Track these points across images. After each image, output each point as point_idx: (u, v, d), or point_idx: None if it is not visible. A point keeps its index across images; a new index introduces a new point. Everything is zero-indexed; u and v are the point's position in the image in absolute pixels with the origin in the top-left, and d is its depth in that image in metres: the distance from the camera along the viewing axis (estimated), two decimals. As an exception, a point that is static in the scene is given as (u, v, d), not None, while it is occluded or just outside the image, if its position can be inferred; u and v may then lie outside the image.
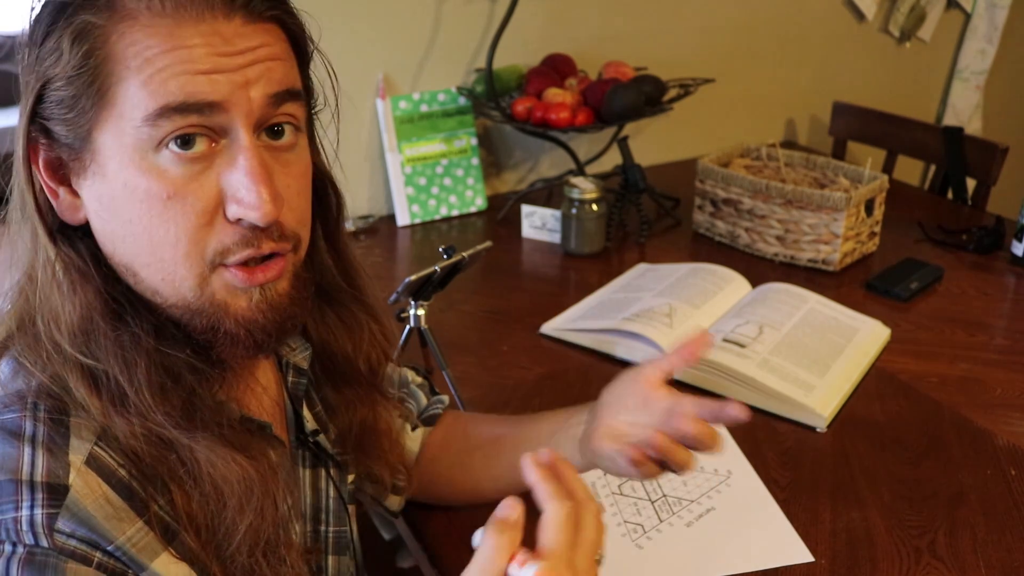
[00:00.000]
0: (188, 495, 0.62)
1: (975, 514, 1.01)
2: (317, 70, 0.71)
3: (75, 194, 0.63)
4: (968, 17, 2.51)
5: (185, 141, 0.59)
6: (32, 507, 0.56)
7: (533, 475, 0.63)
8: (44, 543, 0.55)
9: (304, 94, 0.66)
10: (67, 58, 0.58)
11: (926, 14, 2.42)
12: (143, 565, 0.59)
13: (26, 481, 0.56)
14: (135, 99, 0.58)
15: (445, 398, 1.03)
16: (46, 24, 0.60)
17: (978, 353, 1.34)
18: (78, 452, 0.59)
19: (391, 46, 1.79)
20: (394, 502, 0.96)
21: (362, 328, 0.80)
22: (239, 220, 0.60)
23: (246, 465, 0.63)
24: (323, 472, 0.82)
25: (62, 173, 0.63)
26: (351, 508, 0.86)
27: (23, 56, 0.61)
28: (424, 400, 1.01)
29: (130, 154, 0.59)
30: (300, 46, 0.67)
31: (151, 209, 0.59)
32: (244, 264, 0.62)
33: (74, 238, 0.64)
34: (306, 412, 0.80)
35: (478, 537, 0.61)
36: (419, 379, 1.03)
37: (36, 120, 0.61)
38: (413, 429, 0.97)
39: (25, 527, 0.55)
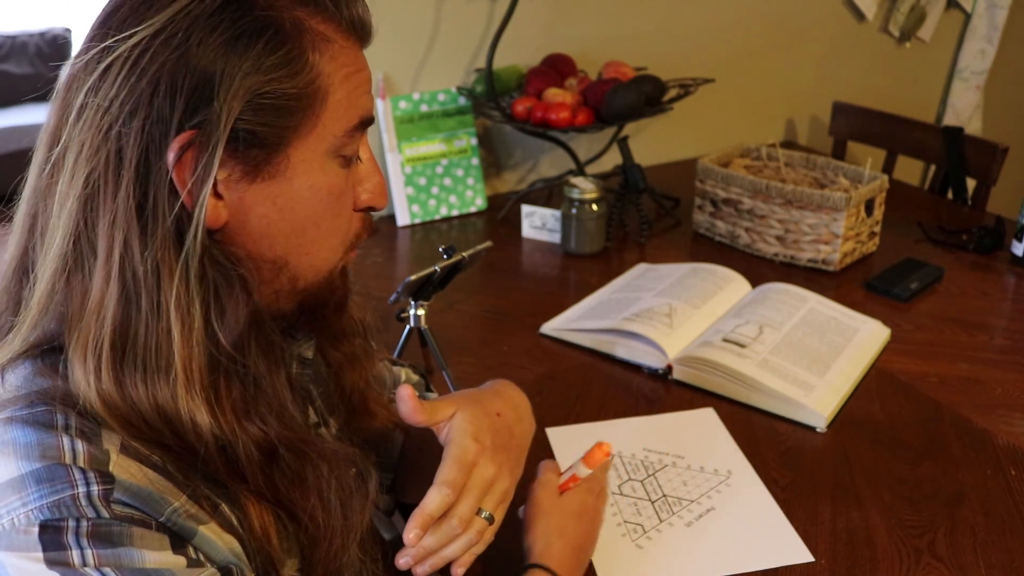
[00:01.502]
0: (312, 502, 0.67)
1: (975, 514, 1.01)
2: None
3: (218, 197, 0.62)
4: (968, 17, 2.51)
5: None
6: (87, 484, 0.57)
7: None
8: (105, 514, 0.57)
9: None
10: (296, 71, 0.62)
11: (926, 14, 2.42)
12: (193, 531, 0.61)
13: (72, 464, 0.57)
14: (338, 111, 0.65)
15: (433, 395, 1.03)
16: (252, 33, 0.59)
17: (978, 353, 1.34)
18: (112, 443, 0.60)
19: (391, 46, 1.79)
20: (383, 500, 0.96)
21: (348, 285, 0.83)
22: (367, 208, 0.72)
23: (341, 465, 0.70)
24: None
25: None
26: None
27: (171, 49, 0.58)
28: None
29: (321, 159, 0.65)
30: None
31: (328, 205, 0.67)
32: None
33: (211, 248, 0.62)
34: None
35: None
36: (415, 377, 1.03)
37: (234, 130, 0.60)
38: (395, 429, 0.96)
39: (84, 502, 0.56)
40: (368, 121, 0.68)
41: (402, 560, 0.74)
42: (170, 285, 0.59)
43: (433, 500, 0.73)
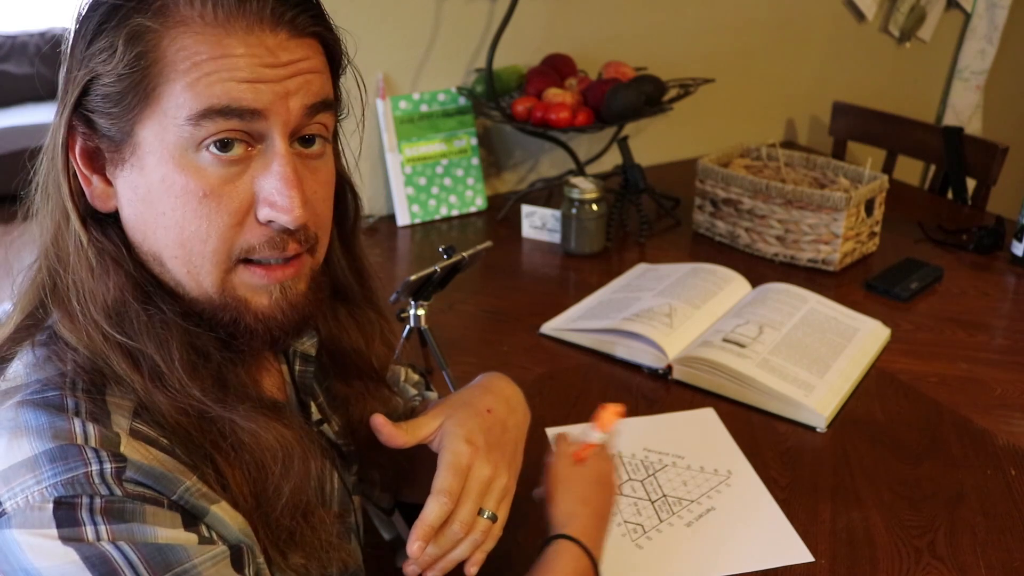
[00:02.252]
0: (231, 465, 0.65)
1: (975, 514, 1.01)
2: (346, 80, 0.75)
3: (108, 183, 0.65)
4: (968, 17, 2.51)
5: (224, 144, 0.62)
6: (100, 463, 0.58)
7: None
8: (118, 492, 0.57)
9: (335, 104, 0.70)
10: (119, 57, 0.61)
11: (926, 14, 2.42)
12: (204, 510, 0.62)
13: (85, 445, 0.58)
14: (180, 99, 0.61)
15: (432, 394, 1.03)
16: (98, 23, 0.62)
17: (978, 353, 1.34)
18: (121, 426, 0.61)
19: (391, 46, 1.79)
20: (384, 499, 0.96)
21: (373, 326, 0.83)
22: (269, 222, 0.64)
23: (284, 431, 0.67)
24: (327, 463, 0.82)
25: (97, 162, 0.65)
26: (356, 499, 0.87)
27: (68, 50, 0.64)
28: (411, 395, 1.01)
29: (171, 151, 0.62)
30: (335, 59, 0.70)
31: (186, 205, 0.62)
32: (265, 262, 0.65)
33: (105, 225, 0.66)
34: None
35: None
36: (415, 376, 1.03)
37: (79, 111, 0.63)
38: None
39: (97, 480, 0.57)
40: (224, 111, 0.61)
41: (409, 569, 0.74)
42: (68, 245, 0.65)
43: (432, 510, 0.73)
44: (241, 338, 0.67)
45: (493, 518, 0.76)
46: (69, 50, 0.64)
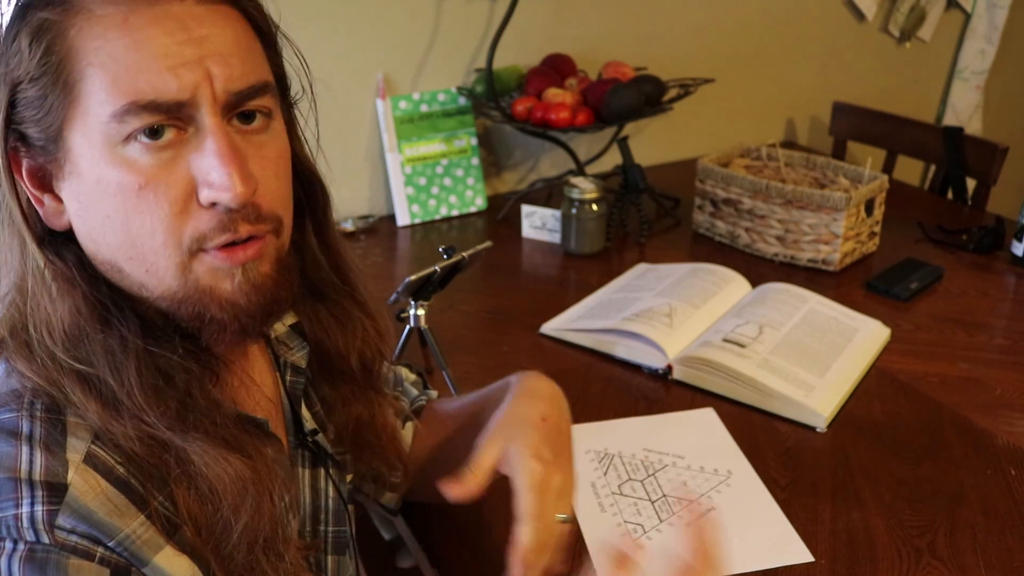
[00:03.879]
0: (187, 494, 0.62)
1: (975, 514, 1.01)
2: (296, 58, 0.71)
3: (58, 199, 0.63)
4: (968, 17, 2.51)
5: (153, 131, 0.59)
6: (32, 504, 0.55)
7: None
8: (45, 539, 0.55)
9: (274, 82, 0.66)
10: (28, 58, 0.58)
11: (926, 14, 2.42)
12: (146, 559, 0.59)
13: (25, 479, 0.56)
14: (100, 96, 0.58)
15: (433, 393, 1.03)
16: (8, 27, 0.59)
17: (978, 353, 1.34)
18: (76, 451, 0.59)
19: (391, 46, 1.79)
20: (391, 500, 0.96)
21: (355, 324, 0.80)
22: (213, 204, 0.60)
23: (239, 464, 0.63)
24: (322, 472, 0.82)
25: (44, 179, 0.62)
26: (350, 508, 0.86)
27: None
28: (415, 395, 1.01)
29: (99, 149, 0.59)
30: (263, 30, 0.66)
31: (125, 202, 0.59)
32: (224, 246, 0.62)
33: (60, 244, 0.64)
34: (305, 412, 0.80)
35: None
36: (412, 376, 1.03)
37: (11, 127, 0.60)
38: (404, 425, 0.96)
39: (26, 524, 0.55)
40: (149, 106, 0.57)
41: None
42: (25, 270, 0.62)
43: (527, 536, 0.71)
44: (208, 333, 0.64)
45: (569, 520, 0.75)
46: None
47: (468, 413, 0.93)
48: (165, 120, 0.59)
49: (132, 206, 0.59)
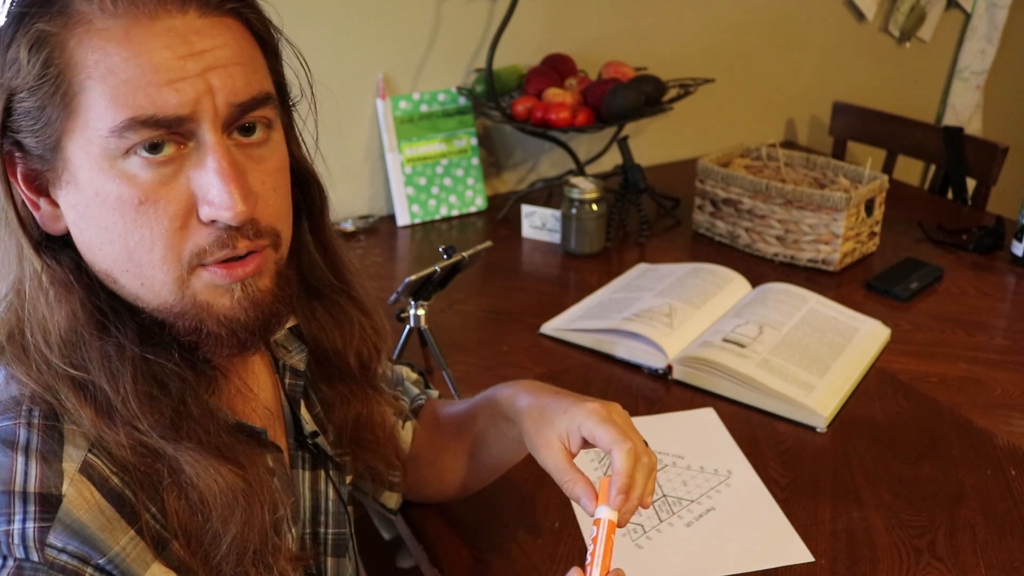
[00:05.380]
0: (177, 503, 0.62)
1: (975, 514, 1.01)
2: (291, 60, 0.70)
3: (55, 204, 0.63)
4: (968, 17, 2.51)
5: (154, 146, 0.58)
6: (24, 520, 0.55)
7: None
8: (35, 557, 0.55)
9: (275, 93, 0.65)
10: (27, 68, 0.58)
11: (926, 14, 2.42)
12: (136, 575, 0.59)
13: (19, 492, 0.56)
14: (100, 109, 0.57)
15: (433, 392, 1.03)
16: (4, 35, 0.59)
17: (978, 353, 1.34)
18: (72, 460, 0.58)
19: (391, 46, 1.79)
20: (391, 499, 0.96)
21: (351, 323, 0.80)
22: (213, 221, 0.60)
23: (230, 476, 0.63)
24: (322, 474, 0.82)
25: (40, 184, 0.62)
26: (350, 510, 0.86)
27: None
28: (415, 394, 1.01)
29: (99, 162, 0.58)
30: (265, 39, 0.66)
31: (124, 215, 0.59)
32: (223, 261, 0.62)
33: (57, 249, 0.63)
34: (304, 414, 0.80)
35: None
36: (414, 375, 1.03)
37: (7, 133, 0.60)
38: (404, 425, 0.97)
39: (17, 540, 0.55)
40: (149, 121, 0.57)
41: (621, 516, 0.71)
42: (23, 275, 0.62)
43: (626, 460, 0.71)
44: (206, 346, 0.63)
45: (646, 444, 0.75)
46: None
47: (462, 420, 0.93)
48: (165, 135, 0.58)
49: (131, 220, 0.59)
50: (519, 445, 0.82)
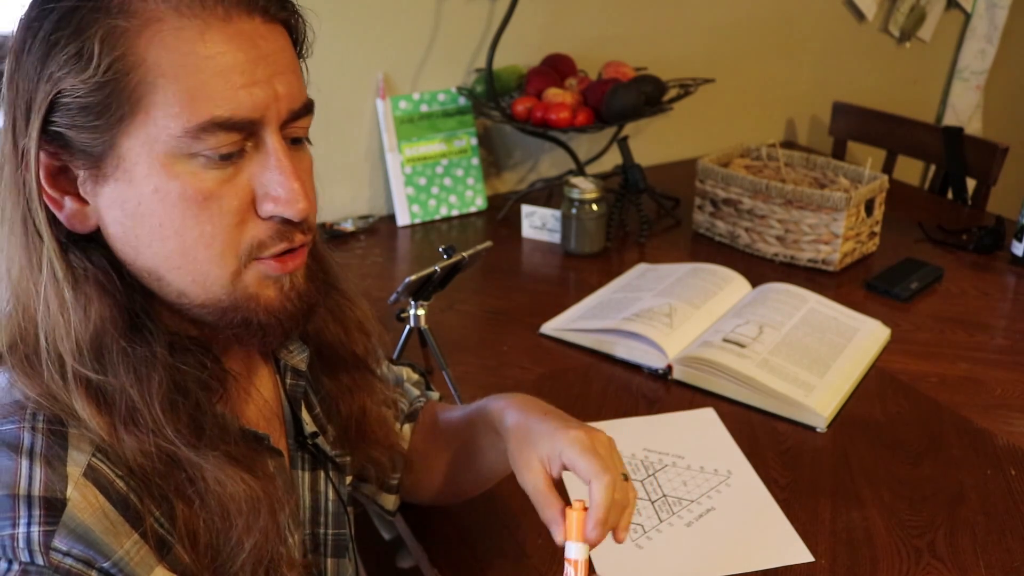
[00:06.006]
0: (194, 513, 0.62)
1: (975, 514, 1.01)
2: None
3: (83, 202, 0.62)
4: (968, 17, 2.51)
5: (226, 156, 0.60)
6: (29, 524, 0.55)
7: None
8: (40, 561, 0.55)
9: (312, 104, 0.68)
10: (95, 64, 0.57)
11: (926, 14, 2.42)
12: None
13: (23, 496, 0.56)
14: (173, 108, 0.58)
15: (433, 394, 1.03)
16: (52, 30, 0.57)
17: (978, 353, 1.34)
18: (77, 464, 0.58)
19: (391, 46, 1.79)
20: (389, 501, 0.96)
21: (345, 312, 0.82)
22: (271, 217, 0.62)
23: (254, 484, 0.64)
24: (322, 474, 0.82)
25: (66, 182, 0.61)
26: (350, 510, 0.86)
27: (14, 64, 0.59)
28: (415, 395, 1.01)
29: (161, 160, 0.59)
30: (299, 49, 0.68)
31: (185, 212, 0.60)
32: (278, 255, 0.64)
33: (87, 249, 0.62)
34: (305, 415, 0.80)
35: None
36: (415, 376, 1.03)
37: (47, 129, 0.59)
38: (400, 427, 0.97)
39: (22, 544, 0.55)
40: (227, 124, 0.58)
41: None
42: (39, 278, 0.61)
43: (603, 493, 0.70)
44: (250, 337, 0.65)
45: (627, 477, 0.75)
46: (14, 63, 0.59)
47: (458, 426, 0.93)
48: (240, 138, 0.60)
49: (192, 216, 0.60)
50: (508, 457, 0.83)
